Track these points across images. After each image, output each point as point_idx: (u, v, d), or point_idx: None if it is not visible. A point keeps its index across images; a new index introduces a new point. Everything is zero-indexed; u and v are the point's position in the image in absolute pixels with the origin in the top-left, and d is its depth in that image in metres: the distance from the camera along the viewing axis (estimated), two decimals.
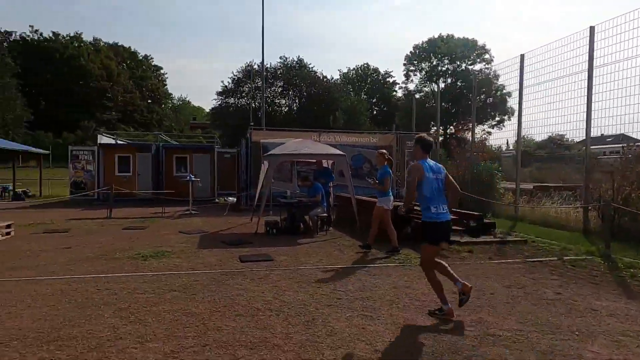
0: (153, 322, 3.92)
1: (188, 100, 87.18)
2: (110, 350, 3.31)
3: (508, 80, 12.74)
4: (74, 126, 45.71)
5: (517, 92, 11.70)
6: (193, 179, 14.02)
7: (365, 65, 54.47)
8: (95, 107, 50.15)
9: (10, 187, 19.68)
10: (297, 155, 10.25)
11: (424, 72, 49.19)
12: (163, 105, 64.31)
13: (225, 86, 40.35)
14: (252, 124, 17.78)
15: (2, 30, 34.53)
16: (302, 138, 16.79)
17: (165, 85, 66.97)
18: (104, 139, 19.19)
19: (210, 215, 12.86)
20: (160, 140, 19.64)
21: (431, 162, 4.37)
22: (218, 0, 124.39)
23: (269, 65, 39.61)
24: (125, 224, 10.61)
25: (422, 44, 48.22)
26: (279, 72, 39.72)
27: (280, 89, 40.02)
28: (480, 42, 46.86)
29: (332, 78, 43.94)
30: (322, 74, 40.58)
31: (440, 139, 18.04)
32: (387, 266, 6.30)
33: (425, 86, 48.70)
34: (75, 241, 8.16)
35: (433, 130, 45.93)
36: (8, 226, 8.68)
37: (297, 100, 40.15)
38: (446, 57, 47.27)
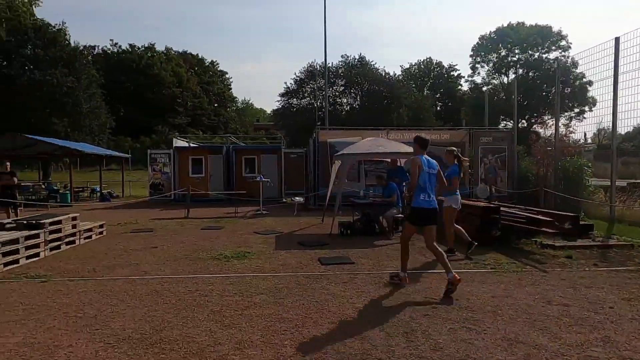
0: (247, 326, 3.87)
1: (251, 103, 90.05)
2: (212, 357, 3.28)
3: (594, 68, 11.48)
4: (150, 130, 48.81)
5: (603, 80, 10.54)
6: (263, 179, 14.25)
7: (428, 59, 52.86)
8: (167, 112, 53.19)
9: (98, 189, 21.33)
10: (371, 154, 9.98)
11: (491, 63, 46.66)
12: (228, 109, 66.79)
13: (288, 87, 41.01)
14: (319, 123, 17.75)
15: (86, 45, 37.84)
16: (370, 136, 16.61)
17: (230, 89, 69.56)
18: (178, 142, 20.15)
19: (280, 215, 12.98)
20: (230, 142, 20.24)
21: (428, 157, 5.16)
22: (273, 5, 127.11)
23: (330, 65, 39.67)
24: (203, 224, 10.97)
25: (490, 34, 45.72)
26: (340, 71, 39.66)
27: (342, 88, 39.92)
28: (555, 29, 43.54)
29: (395, 74, 43.16)
30: (384, 70, 40.03)
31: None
32: (478, 272, 5.86)
33: (493, 78, 46.18)
34: (160, 240, 8.52)
35: (502, 125, 43.42)
36: (101, 226, 9.28)
37: (358, 99, 39.81)
38: (516, 47, 44.44)
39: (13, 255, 6.31)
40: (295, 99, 41.16)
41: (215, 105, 63.71)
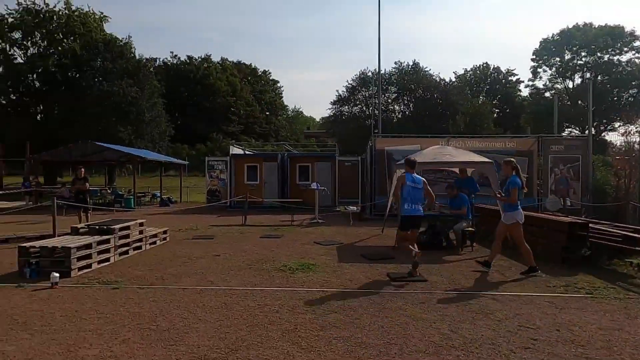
0: (326, 350, 3.58)
1: (300, 111, 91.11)
2: None
3: None
4: (205, 138, 50.54)
5: None
6: (319, 187, 14.06)
7: (484, 64, 50.76)
8: (222, 121, 54.92)
9: (158, 194, 22.14)
10: (438, 164, 9.46)
11: (554, 67, 44.04)
12: (279, 117, 67.92)
13: (340, 95, 40.92)
14: (376, 131, 17.36)
15: (149, 57, 40.14)
16: (428, 145, 15.97)
17: (282, 97, 70.81)
18: (234, 150, 20.50)
19: (336, 225, 12.69)
20: (284, 150, 20.33)
21: (414, 175, 6.45)
22: (319, 14, 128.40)
23: (383, 71, 39.11)
24: (261, 232, 10.90)
25: (553, 37, 43.20)
26: (392, 78, 39.04)
27: (394, 95, 39.26)
28: (627, 29, 40.37)
29: (451, 81, 41.72)
30: (438, 76, 38.87)
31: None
32: (572, 297, 5.22)
33: (556, 83, 43.50)
34: (222, 248, 8.48)
35: (567, 132, 40.69)
36: (165, 232, 9.43)
37: (411, 106, 38.91)
38: (583, 49, 41.65)
39: (86, 260, 6.45)
40: (346, 107, 40.96)
41: (267, 113, 65.02)
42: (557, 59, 43.40)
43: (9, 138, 27.76)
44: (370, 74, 38.82)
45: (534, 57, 43.85)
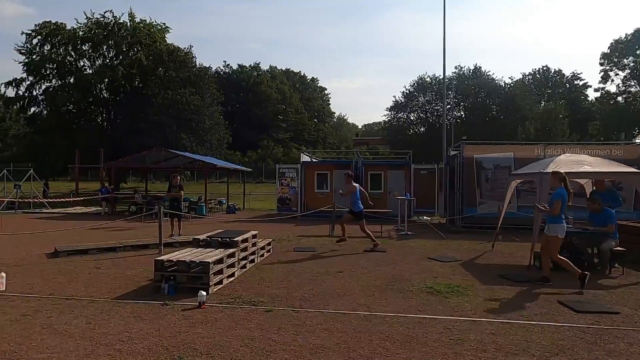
0: None
1: (345, 118, 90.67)
2: None
3: None
4: (256, 145, 50.98)
5: None
6: (409, 197, 13.30)
7: (545, 68, 48.10)
8: (272, 128, 55.36)
9: (224, 201, 22.10)
10: (574, 174, 8.45)
11: (626, 70, 41.10)
12: (326, 124, 67.76)
13: (397, 101, 39.96)
14: (464, 137, 16.41)
15: (206, 66, 41.07)
16: (522, 152, 14.86)
17: (329, 104, 70.71)
18: (304, 157, 20.13)
19: (428, 237, 11.97)
20: (356, 157, 19.73)
21: (356, 184, 9.83)
22: (356, 22, 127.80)
23: (441, 76, 37.80)
24: (356, 244, 10.29)
25: (626, 37, 40.34)
26: (452, 83, 37.73)
27: (455, 100, 37.89)
28: None
29: (510, 85, 39.61)
30: (502, 80, 37.08)
31: None
32: None
33: (630, 87, 40.54)
34: (336, 263, 7.90)
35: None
36: (268, 243, 8.97)
37: (475, 111, 37.30)
38: None
39: (218, 275, 6.02)
40: (402, 113, 39.95)
41: (315, 120, 65.01)
42: (630, 58, 40.45)
43: (78, 145, 28.87)
44: (428, 79, 37.72)
45: (602, 60, 41.10)
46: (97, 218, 17.66)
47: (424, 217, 16.48)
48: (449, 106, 39.20)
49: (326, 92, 70.47)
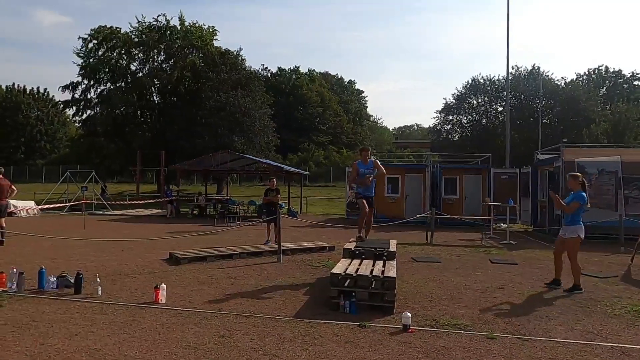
0: None
1: (381, 121, 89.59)
2: None
3: None
4: (296, 148, 50.69)
5: None
6: (512, 203, 12.46)
7: (602, 67, 45.62)
8: (311, 131, 55.00)
9: (284, 205, 21.66)
10: None
11: None
12: (363, 126, 66.96)
13: (447, 103, 38.89)
14: (564, 140, 15.42)
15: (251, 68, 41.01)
16: (632, 156, 13.80)
17: (366, 107, 70.00)
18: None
19: (531, 247, 11.23)
20: (430, 160, 18.91)
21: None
22: (385, 27, 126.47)
23: (496, 77, 36.57)
24: (466, 253, 9.58)
25: None
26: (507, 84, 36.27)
27: (515, 102, 36.33)
28: None
29: (570, 85, 37.56)
30: (565, 80, 35.28)
31: None
32: None
33: None
34: (481, 276, 7.20)
35: None
36: None
37: (535, 114, 35.74)
38: None
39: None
40: (452, 115, 38.79)
41: (352, 124, 64.31)
42: None
43: (132, 148, 29.14)
44: (482, 79, 36.46)
45: None
46: (165, 220, 17.51)
47: (502, 225, 15.58)
48: (510, 107, 37.91)
49: (363, 94, 69.72)
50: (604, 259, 9.48)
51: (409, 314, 4.48)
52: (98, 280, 5.57)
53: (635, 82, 44.09)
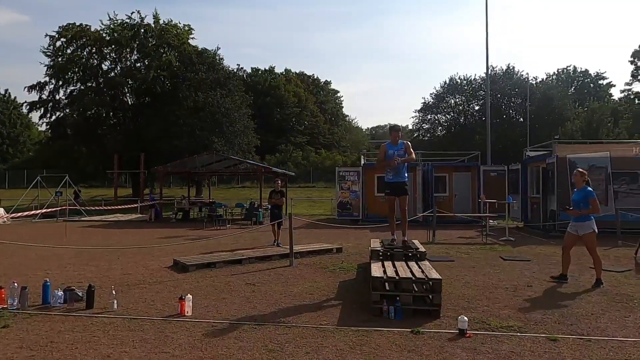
0: None
1: (355, 121, 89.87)
2: None
3: None
4: (274, 149, 50.09)
5: None
6: (512, 201, 12.52)
7: (570, 67, 47.20)
8: (288, 131, 54.49)
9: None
10: None
11: None
12: (340, 127, 66.92)
13: (425, 103, 39.28)
14: (556, 137, 15.67)
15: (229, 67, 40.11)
16: (619, 151, 14.14)
17: (342, 107, 69.96)
18: (364, 160, 19.32)
19: (529, 243, 11.36)
20: (420, 160, 18.87)
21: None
22: (352, 27, 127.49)
23: (472, 77, 37.19)
24: (474, 251, 9.53)
25: None
26: (483, 84, 37.09)
27: (491, 101, 37.11)
28: None
29: (544, 85, 38.62)
30: (536, 80, 36.25)
31: None
32: None
33: None
34: (501, 274, 7.08)
35: None
36: None
37: (505, 112, 36.63)
38: None
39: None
40: (429, 114, 39.22)
41: (329, 124, 64.18)
42: None
43: (107, 150, 27.89)
44: (459, 79, 37.04)
45: (632, 58, 40.59)
46: (149, 225, 16.75)
47: (492, 222, 15.73)
48: (477, 107, 38.61)
49: (339, 94, 69.75)
50: (607, 252, 9.57)
51: (466, 318, 4.25)
52: (114, 292, 5.07)
53: (600, 81, 46.08)
